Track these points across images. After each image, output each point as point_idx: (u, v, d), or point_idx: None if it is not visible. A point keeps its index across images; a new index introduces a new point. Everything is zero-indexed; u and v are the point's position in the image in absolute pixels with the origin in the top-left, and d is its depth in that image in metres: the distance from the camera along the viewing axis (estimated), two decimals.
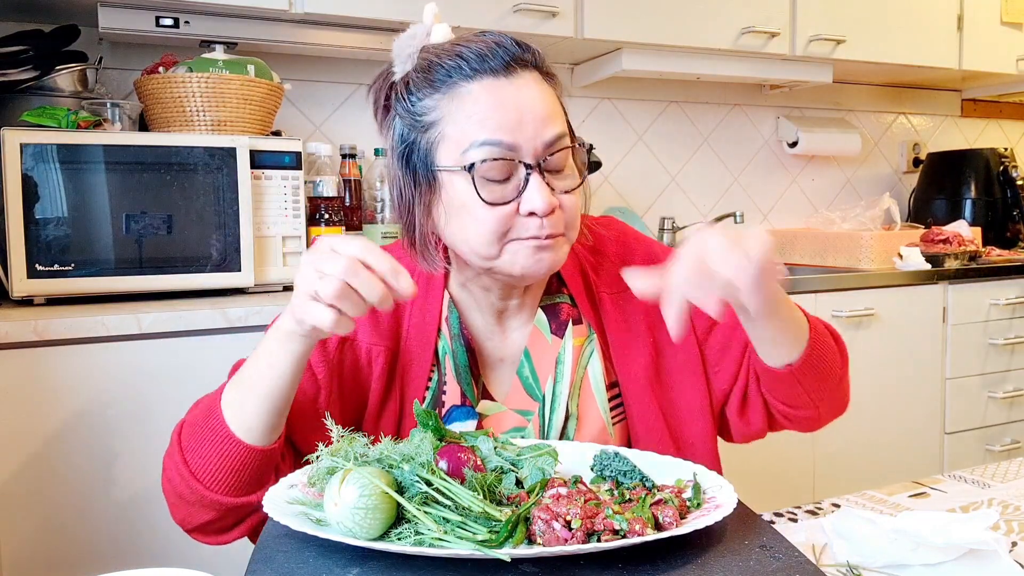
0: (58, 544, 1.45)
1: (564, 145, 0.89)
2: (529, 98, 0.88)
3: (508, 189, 0.87)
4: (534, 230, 0.87)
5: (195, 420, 0.86)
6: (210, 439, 0.83)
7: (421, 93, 0.90)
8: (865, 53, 2.62)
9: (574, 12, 2.19)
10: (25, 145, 1.56)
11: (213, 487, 0.83)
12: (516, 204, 0.87)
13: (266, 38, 1.99)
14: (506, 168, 0.86)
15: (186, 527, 0.89)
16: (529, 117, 0.86)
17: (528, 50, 0.91)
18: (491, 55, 0.88)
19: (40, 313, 1.49)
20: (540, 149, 0.87)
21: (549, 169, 0.88)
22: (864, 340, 2.35)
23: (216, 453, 0.82)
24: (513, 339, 1.01)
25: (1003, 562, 0.76)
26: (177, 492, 0.86)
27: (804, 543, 0.88)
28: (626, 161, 2.78)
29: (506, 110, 0.86)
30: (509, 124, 0.86)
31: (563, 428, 0.98)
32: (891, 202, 2.74)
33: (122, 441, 1.49)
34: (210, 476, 0.83)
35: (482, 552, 0.62)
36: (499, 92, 0.87)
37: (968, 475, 1.15)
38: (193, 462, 0.83)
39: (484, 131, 0.86)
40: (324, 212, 1.91)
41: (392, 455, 0.72)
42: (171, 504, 0.88)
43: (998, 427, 2.63)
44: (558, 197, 0.88)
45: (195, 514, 0.86)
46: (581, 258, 1.05)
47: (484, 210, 0.86)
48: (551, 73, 0.94)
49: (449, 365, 0.97)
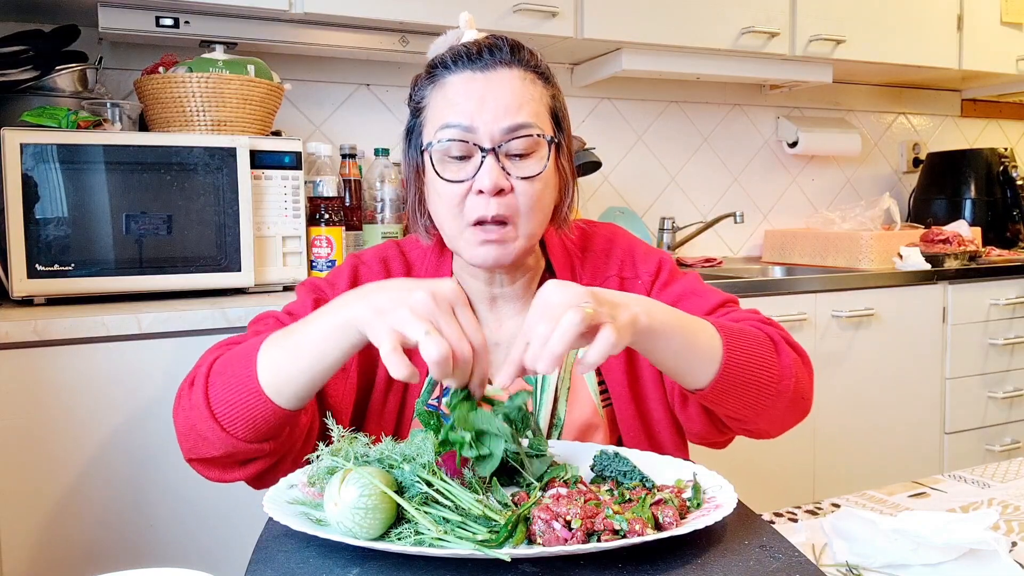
0: (58, 544, 1.45)
1: (524, 133, 0.94)
2: (498, 89, 0.95)
3: (467, 169, 0.95)
4: (481, 210, 0.94)
5: (227, 363, 0.87)
6: (238, 386, 0.84)
7: (421, 84, 1.01)
8: (865, 53, 2.62)
9: (574, 12, 2.19)
10: (25, 145, 1.56)
11: (230, 428, 0.85)
12: (471, 183, 0.94)
13: (266, 38, 1.99)
14: (465, 149, 0.94)
15: (191, 456, 0.91)
16: (491, 105, 0.94)
17: (518, 51, 0.98)
18: (479, 53, 0.97)
19: (40, 313, 1.49)
20: (497, 135, 0.94)
21: (509, 154, 0.95)
22: (864, 340, 2.35)
23: (241, 401, 0.84)
24: (507, 326, 1.05)
25: (1003, 562, 0.76)
26: (191, 423, 0.87)
27: (804, 543, 0.88)
28: (626, 161, 2.78)
29: (470, 97, 0.95)
30: (470, 110, 0.94)
31: (553, 409, 1.01)
32: (891, 202, 2.73)
33: (122, 441, 1.49)
34: (230, 419, 0.84)
35: (482, 552, 0.62)
36: (471, 83, 0.96)
37: (968, 475, 1.15)
38: (216, 402, 0.85)
39: (450, 114, 0.95)
40: (324, 212, 1.91)
41: (393, 455, 0.72)
42: (181, 433, 0.90)
43: (998, 427, 2.63)
44: (512, 182, 0.94)
45: (204, 447, 0.88)
46: (571, 252, 1.10)
47: (443, 186, 0.96)
48: (544, 75, 1.00)
49: None
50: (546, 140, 0.96)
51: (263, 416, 0.84)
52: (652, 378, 1.04)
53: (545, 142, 0.96)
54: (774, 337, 0.94)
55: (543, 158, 0.96)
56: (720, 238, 2.94)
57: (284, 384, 0.83)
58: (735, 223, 2.67)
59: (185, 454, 0.91)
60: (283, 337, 0.84)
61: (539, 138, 0.96)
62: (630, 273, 1.09)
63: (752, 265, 2.79)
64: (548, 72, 1.01)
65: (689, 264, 2.69)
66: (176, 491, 1.52)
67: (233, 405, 0.84)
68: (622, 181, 2.77)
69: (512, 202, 0.95)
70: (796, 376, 0.93)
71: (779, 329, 0.97)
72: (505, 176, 0.94)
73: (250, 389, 0.83)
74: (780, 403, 0.92)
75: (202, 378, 0.88)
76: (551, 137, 0.98)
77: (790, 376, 0.92)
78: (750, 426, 0.96)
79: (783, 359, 0.92)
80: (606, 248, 1.11)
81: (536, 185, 0.96)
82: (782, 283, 2.26)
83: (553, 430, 1.01)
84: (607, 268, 1.09)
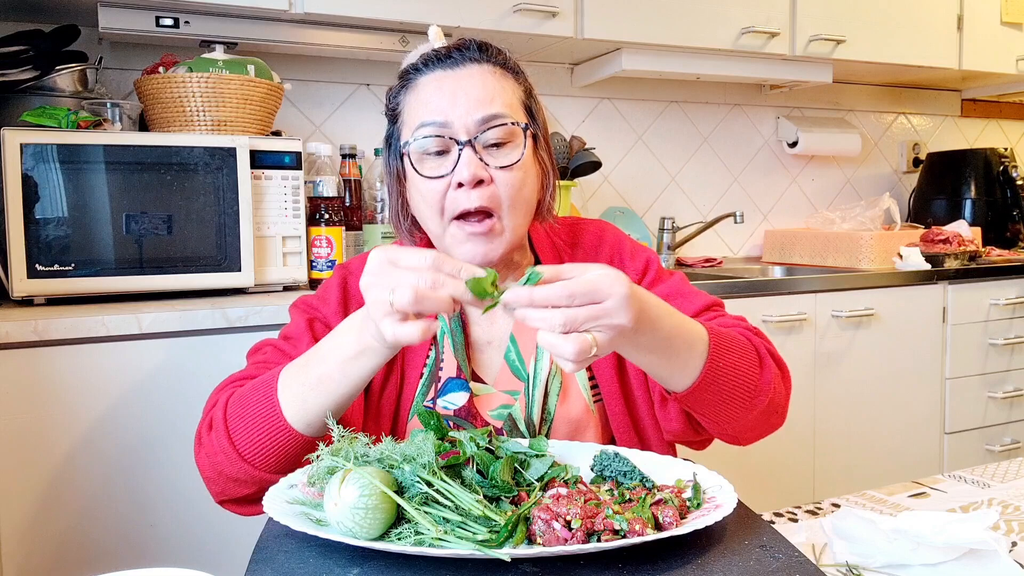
0: (58, 544, 1.45)
1: (499, 123, 0.95)
2: (468, 84, 0.96)
3: (445, 164, 0.95)
4: (463, 203, 0.94)
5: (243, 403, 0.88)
6: (263, 424, 0.86)
7: (395, 91, 1.03)
8: (865, 53, 2.62)
9: (574, 12, 2.19)
10: (25, 145, 1.56)
11: (260, 465, 0.86)
12: (450, 178, 0.95)
13: (266, 38, 1.99)
14: (442, 144, 0.95)
15: (223, 499, 0.92)
16: (463, 98, 0.95)
17: (486, 49, 1.00)
18: (447, 54, 0.99)
19: (40, 313, 1.49)
20: (472, 127, 0.95)
21: (486, 145, 0.96)
22: (864, 340, 2.35)
23: (269, 437, 0.85)
24: (499, 325, 1.06)
25: (1003, 562, 0.76)
26: (218, 468, 0.89)
27: (804, 543, 0.88)
28: (626, 161, 2.78)
29: (442, 94, 0.96)
30: (443, 105, 0.95)
31: (544, 404, 1.01)
32: (891, 202, 2.73)
33: (122, 441, 1.49)
34: (259, 456, 0.86)
35: (482, 552, 0.62)
36: (442, 81, 0.98)
37: (968, 475, 1.15)
38: (242, 442, 0.86)
39: (425, 113, 0.96)
40: (324, 212, 1.91)
41: (393, 455, 0.72)
42: (208, 478, 0.91)
43: (998, 427, 2.63)
44: (491, 172, 0.95)
45: (235, 488, 0.89)
46: (559, 247, 1.11)
47: (424, 183, 0.96)
48: (514, 69, 1.02)
49: (448, 344, 1.04)
50: (520, 127, 0.98)
51: (293, 448, 0.85)
52: (638, 376, 1.04)
53: (520, 130, 0.97)
54: (760, 350, 0.94)
55: (519, 146, 0.97)
56: (720, 238, 2.94)
57: (312, 416, 0.84)
58: (735, 223, 2.67)
59: (216, 497, 0.93)
60: (301, 371, 0.86)
61: (514, 126, 0.97)
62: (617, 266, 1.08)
63: (752, 265, 2.79)
64: (518, 67, 1.03)
65: (689, 264, 2.69)
66: (176, 491, 1.52)
67: (261, 443, 0.86)
68: (622, 181, 2.77)
69: (494, 192, 0.95)
70: (774, 390, 0.93)
71: (764, 340, 0.97)
72: (483, 167, 0.95)
73: (277, 426, 0.85)
74: (752, 414, 0.92)
75: (220, 421, 0.89)
76: (525, 124, 0.99)
77: (767, 391, 0.92)
78: (725, 432, 0.97)
79: (765, 374, 0.92)
80: (595, 244, 1.12)
81: (516, 174, 0.96)
82: (782, 283, 2.26)
83: (543, 425, 1.01)
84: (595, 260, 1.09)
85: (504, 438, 0.82)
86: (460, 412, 1.00)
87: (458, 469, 0.74)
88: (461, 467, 0.74)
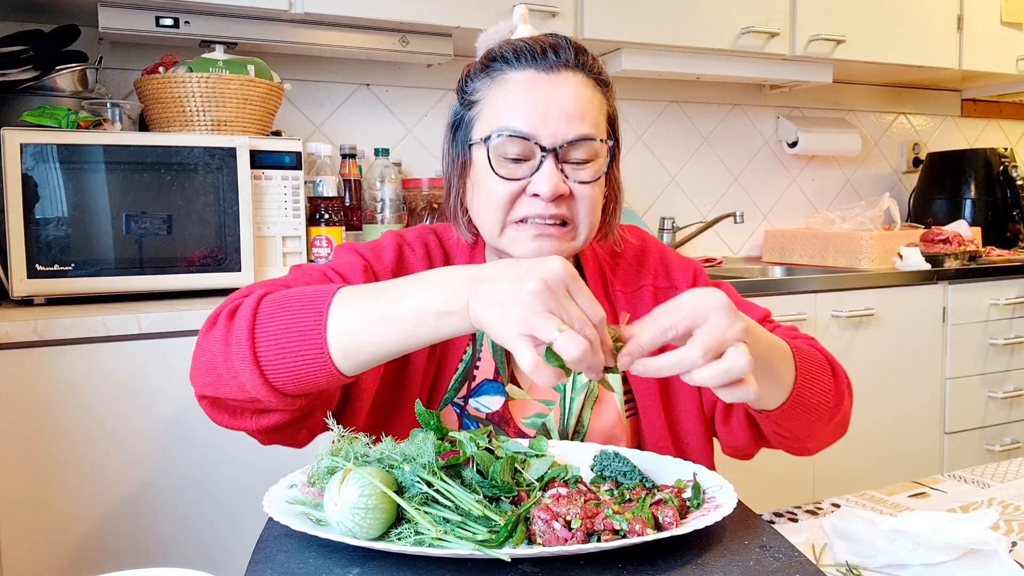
0: (58, 544, 1.45)
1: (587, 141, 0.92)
2: (563, 95, 0.92)
3: (523, 169, 0.92)
4: (538, 210, 0.91)
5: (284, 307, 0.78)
6: (298, 337, 0.76)
7: (476, 77, 0.97)
8: (865, 53, 2.62)
9: (574, 12, 2.19)
10: (25, 145, 1.56)
11: (273, 378, 0.76)
12: (526, 184, 0.91)
13: (266, 38, 1.99)
14: (524, 148, 0.91)
15: (204, 392, 0.83)
16: (556, 112, 0.91)
17: (582, 54, 0.96)
18: (542, 52, 0.93)
19: (40, 313, 1.49)
20: (559, 140, 0.91)
21: (568, 160, 0.92)
22: (864, 340, 2.35)
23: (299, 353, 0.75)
24: None
25: (1003, 562, 0.76)
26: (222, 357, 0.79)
27: (804, 543, 0.88)
28: (626, 161, 2.75)
29: (536, 102, 0.91)
30: (535, 116, 0.91)
31: (579, 416, 0.99)
32: (891, 202, 2.73)
33: (122, 441, 1.49)
34: (277, 368, 0.76)
35: (482, 552, 0.62)
36: (536, 85, 0.92)
37: (968, 475, 1.15)
38: (264, 345, 0.76)
39: (512, 117, 0.91)
40: (324, 212, 1.91)
41: (393, 455, 0.72)
42: (203, 365, 0.82)
43: (998, 427, 2.63)
44: (571, 185, 0.92)
45: (227, 387, 0.79)
46: (600, 259, 1.08)
47: (496, 183, 0.92)
48: (605, 81, 0.99)
49: (487, 342, 1.00)
50: (608, 146, 0.95)
51: (318, 376, 0.76)
52: (685, 391, 1.01)
53: (607, 147, 0.95)
54: (832, 362, 0.94)
55: (602, 165, 0.95)
56: (720, 238, 2.94)
57: (357, 352, 0.74)
58: (735, 223, 2.67)
59: (197, 388, 0.83)
60: (366, 301, 0.75)
61: (601, 143, 0.94)
62: (664, 283, 1.06)
63: (752, 265, 2.79)
64: (608, 81, 0.99)
65: None
66: (176, 491, 1.52)
67: (286, 355, 0.75)
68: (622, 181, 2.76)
69: (569, 206, 0.92)
70: (847, 401, 0.95)
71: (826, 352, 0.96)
72: (563, 180, 0.91)
73: (313, 345, 0.75)
74: (830, 426, 0.94)
75: (248, 313, 0.78)
76: (612, 143, 0.96)
77: (843, 403, 0.93)
78: (798, 444, 0.96)
79: (839, 385, 0.93)
80: (638, 256, 1.08)
81: (595, 189, 0.94)
82: (782, 283, 2.26)
83: (576, 437, 0.99)
84: (640, 277, 1.07)
85: (504, 438, 0.82)
86: (493, 417, 0.98)
87: (458, 469, 0.73)
88: (461, 467, 0.73)
